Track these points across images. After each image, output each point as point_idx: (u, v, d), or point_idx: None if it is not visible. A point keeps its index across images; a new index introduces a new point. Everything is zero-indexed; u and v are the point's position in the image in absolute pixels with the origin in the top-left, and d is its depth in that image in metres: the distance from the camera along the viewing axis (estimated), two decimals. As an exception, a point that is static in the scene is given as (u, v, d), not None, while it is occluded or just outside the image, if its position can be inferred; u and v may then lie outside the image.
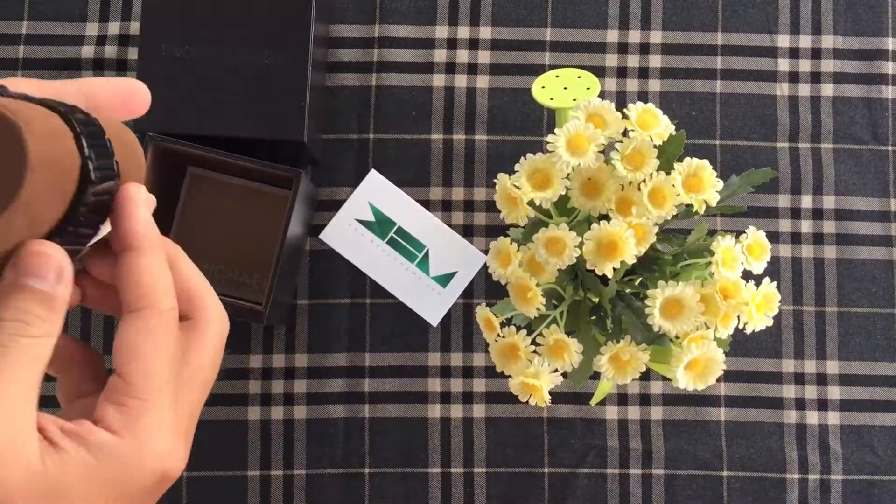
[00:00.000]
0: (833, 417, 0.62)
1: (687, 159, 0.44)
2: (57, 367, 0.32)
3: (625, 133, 0.45)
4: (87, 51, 0.64)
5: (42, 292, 0.27)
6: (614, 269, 0.43)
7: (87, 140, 0.26)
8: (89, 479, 0.27)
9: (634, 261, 0.43)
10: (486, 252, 0.62)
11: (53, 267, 0.27)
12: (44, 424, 0.27)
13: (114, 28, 0.64)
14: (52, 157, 0.25)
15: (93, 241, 0.29)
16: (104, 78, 0.31)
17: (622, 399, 0.62)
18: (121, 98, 0.31)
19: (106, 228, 0.29)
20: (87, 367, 0.33)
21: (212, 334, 0.31)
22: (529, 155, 0.45)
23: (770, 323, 0.45)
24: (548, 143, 0.45)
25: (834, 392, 0.63)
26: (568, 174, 0.45)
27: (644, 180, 0.44)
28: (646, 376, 0.61)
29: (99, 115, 0.28)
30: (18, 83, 0.29)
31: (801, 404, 0.62)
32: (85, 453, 0.27)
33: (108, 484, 0.27)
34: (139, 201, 0.29)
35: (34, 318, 0.28)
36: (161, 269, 0.30)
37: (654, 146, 0.44)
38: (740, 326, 0.45)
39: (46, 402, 0.27)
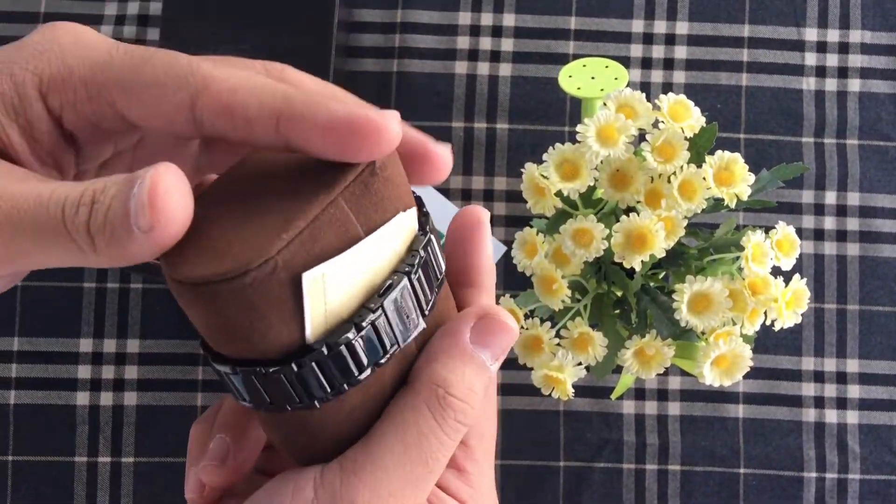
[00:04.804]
0: (852, 416, 0.62)
1: (718, 152, 0.44)
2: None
3: (654, 124, 0.45)
4: (106, 31, 0.63)
5: (489, 377, 0.22)
6: (642, 263, 0.43)
7: None
8: None
9: (663, 254, 0.43)
10: (504, 242, 0.61)
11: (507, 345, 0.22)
12: None
13: (133, 8, 0.64)
14: None
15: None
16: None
17: (639, 394, 0.62)
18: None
19: None
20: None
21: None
22: (558, 145, 0.45)
23: (798, 320, 0.44)
24: (577, 132, 0.44)
25: (853, 391, 0.62)
26: (596, 165, 0.44)
27: (674, 172, 0.43)
28: (664, 371, 0.61)
29: None
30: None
31: (819, 402, 0.62)
32: None
33: None
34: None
35: (476, 404, 0.22)
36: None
37: (685, 138, 0.44)
38: (767, 323, 0.44)
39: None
